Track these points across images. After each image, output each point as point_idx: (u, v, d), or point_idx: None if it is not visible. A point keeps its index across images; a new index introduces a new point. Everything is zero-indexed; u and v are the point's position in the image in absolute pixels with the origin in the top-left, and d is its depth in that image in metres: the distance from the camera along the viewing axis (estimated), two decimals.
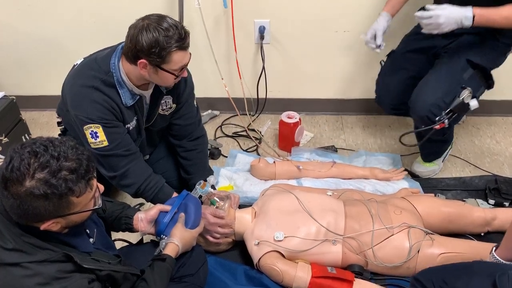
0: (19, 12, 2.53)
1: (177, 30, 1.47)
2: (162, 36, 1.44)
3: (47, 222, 1.04)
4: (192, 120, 1.91)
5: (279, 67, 2.62)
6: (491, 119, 2.68)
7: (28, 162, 0.97)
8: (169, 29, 1.45)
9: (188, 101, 1.86)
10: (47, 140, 1.03)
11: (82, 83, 1.57)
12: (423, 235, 1.62)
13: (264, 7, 2.41)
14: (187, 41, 1.51)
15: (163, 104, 1.79)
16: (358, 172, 2.13)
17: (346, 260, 1.62)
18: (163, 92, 1.73)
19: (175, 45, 1.47)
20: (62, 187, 0.99)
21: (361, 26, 2.42)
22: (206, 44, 2.44)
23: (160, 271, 1.33)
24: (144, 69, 1.51)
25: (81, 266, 1.10)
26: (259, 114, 2.79)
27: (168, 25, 1.46)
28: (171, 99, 1.80)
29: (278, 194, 1.81)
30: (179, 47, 1.48)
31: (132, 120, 1.71)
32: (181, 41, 1.48)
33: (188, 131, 1.92)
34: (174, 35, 1.46)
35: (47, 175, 0.98)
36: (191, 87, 1.86)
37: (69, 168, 1.01)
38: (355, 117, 2.77)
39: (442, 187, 2.11)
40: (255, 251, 1.63)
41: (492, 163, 2.33)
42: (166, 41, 1.45)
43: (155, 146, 2.02)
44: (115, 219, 1.51)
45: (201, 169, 1.94)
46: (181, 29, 1.49)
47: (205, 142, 2.00)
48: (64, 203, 1.02)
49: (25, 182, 0.97)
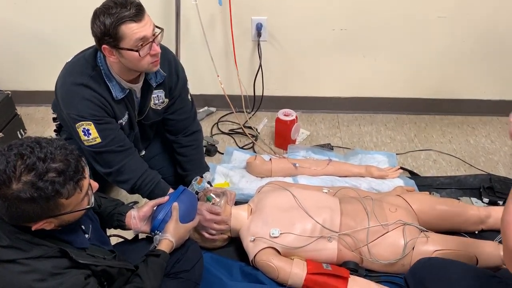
0: (16, 7, 2.52)
1: (120, 4, 1.42)
2: (106, 15, 1.41)
3: (38, 223, 1.03)
4: (186, 114, 1.90)
5: (276, 64, 2.62)
6: (486, 118, 2.70)
7: (14, 165, 0.95)
8: (112, 6, 1.42)
9: (181, 95, 1.84)
10: (34, 141, 1.01)
11: (72, 81, 1.56)
12: (418, 232, 1.63)
13: (262, 4, 2.41)
14: (134, 11, 1.43)
15: (155, 98, 1.77)
16: (353, 170, 2.14)
17: (341, 257, 1.62)
18: (152, 85, 1.71)
19: (120, 19, 1.42)
20: (48, 189, 0.97)
21: (357, 24, 2.43)
22: (202, 41, 2.44)
23: (154, 266, 1.33)
24: (111, 56, 1.49)
25: (77, 262, 1.09)
26: (256, 111, 2.79)
27: (112, 3, 1.42)
28: (163, 94, 1.78)
29: (274, 191, 1.81)
30: (126, 18, 1.42)
31: (123, 116, 1.70)
32: (126, 12, 1.42)
33: (183, 126, 1.91)
34: (118, 10, 1.41)
35: (34, 178, 0.96)
36: (184, 80, 1.84)
37: (56, 169, 0.99)
38: (351, 115, 2.78)
39: (437, 186, 2.12)
40: (251, 248, 1.63)
41: (487, 162, 2.35)
42: (111, 18, 1.41)
43: (149, 141, 2.01)
44: (107, 215, 1.50)
45: (197, 165, 1.94)
46: (127, 1, 1.43)
47: (200, 137, 1.99)
48: (52, 205, 1.01)
49: (12, 185, 0.95)
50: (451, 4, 2.33)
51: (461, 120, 2.70)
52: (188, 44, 2.52)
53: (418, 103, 2.72)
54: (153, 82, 1.71)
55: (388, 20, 2.41)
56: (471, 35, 2.43)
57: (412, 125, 2.67)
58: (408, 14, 2.38)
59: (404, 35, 2.45)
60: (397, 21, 2.40)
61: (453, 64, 2.55)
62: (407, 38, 2.47)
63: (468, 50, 2.48)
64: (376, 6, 2.36)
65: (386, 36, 2.47)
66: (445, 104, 2.71)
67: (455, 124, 2.67)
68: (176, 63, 1.78)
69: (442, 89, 2.66)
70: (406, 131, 2.62)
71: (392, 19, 2.40)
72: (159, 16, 2.46)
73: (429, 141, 2.52)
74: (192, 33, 2.50)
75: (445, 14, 2.36)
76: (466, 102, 2.69)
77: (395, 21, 2.41)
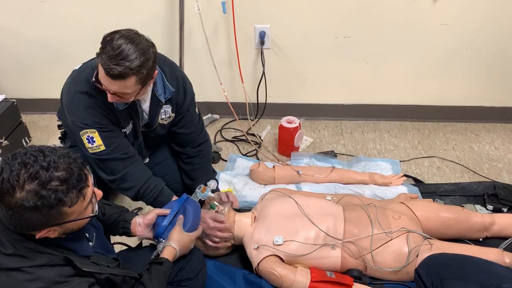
0: (21, 16, 2.54)
1: (115, 51, 1.39)
2: (105, 43, 1.41)
3: (42, 231, 1.03)
4: (194, 128, 1.91)
5: (279, 72, 2.63)
6: (490, 125, 2.69)
7: (17, 174, 0.96)
8: (113, 45, 1.39)
9: (190, 110, 1.86)
10: (38, 150, 1.01)
11: (77, 89, 1.58)
12: (422, 240, 1.63)
13: (265, 13, 2.42)
14: (114, 71, 1.39)
15: (162, 113, 1.79)
16: (357, 177, 2.14)
17: (345, 264, 1.62)
18: (161, 101, 1.73)
19: (103, 60, 1.40)
20: (51, 198, 0.97)
21: (360, 31, 2.44)
22: (205, 49, 2.45)
23: (158, 274, 1.33)
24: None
25: (80, 270, 1.09)
26: (259, 118, 2.80)
27: (117, 45, 1.39)
28: (170, 109, 1.80)
29: (278, 198, 1.81)
30: (104, 66, 1.41)
31: (128, 124, 1.72)
32: (108, 62, 1.39)
33: (192, 138, 1.92)
34: (110, 52, 1.39)
35: (37, 186, 0.96)
36: (192, 96, 1.85)
37: (59, 178, 0.99)
38: (354, 122, 2.78)
39: (440, 193, 2.12)
40: (255, 255, 1.63)
41: (490, 169, 2.34)
42: (103, 46, 1.41)
43: (155, 149, 2.02)
44: (112, 222, 1.51)
45: (204, 173, 1.94)
46: (119, 59, 1.39)
47: (207, 146, 2.00)
48: (55, 214, 1.01)
49: (15, 193, 0.96)
50: (453, 12, 2.33)
51: (464, 127, 2.69)
52: (191, 51, 2.54)
53: (421, 110, 2.72)
54: (162, 98, 1.72)
55: (391, 27, 2.41)
56: (474, 42, 2.43)
57: (416, 132, 2.67)
58: (410, 21, 2.39)
59: (407, 42, 2.46)
60: (400, 28, 2.41)
61: (456, 71, 2.55)
62: (410, 45, 2.47)
63: (471, 57, 2.49)
64: (379, 13, 2.37)
65: (389, 43, 2.47)
66: (449, 111, 2.71)
67: (459, 131, 2.66)
68: (184, 79, 1.80)
69: (445, 95, 2.66)
70: (410, 138, 2.62)
71: (395, 26, 2.41)
72: (163, 25, 2.48)
73: (432, 148, 2.52)
74: (196, 41, 2.51)
75: (447, 21, 2.37)
76: (470, 109, 2.69)
77: (398, 28, 2.41)
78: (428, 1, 2.31)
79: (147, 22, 2.46)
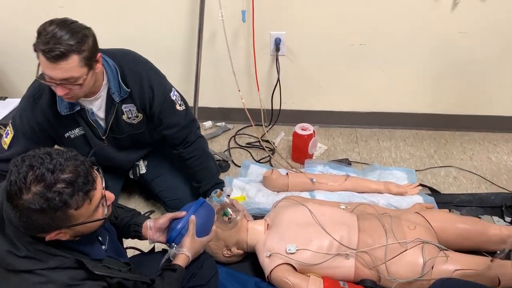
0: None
1: (48, 35, 1.39)
2: (38, 34, 1.40)
3: (51, 233, 1.04)
4: (178, 127, 1.88)
5: (294, 78, 2.62)
6: (508, 135, 2.65)
7: (24, 176, 0.97)
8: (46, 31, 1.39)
9: (164, 112, 1.81)
10: (45, 152, 1.02)
11: (27, 94, 1.70)
12: (437, 251, 1.60)
13: (280, 19, 2.42)
14: (55, 50, 1.38)
15: (128, 112, 1.77)
16: (372, 186, 2.11)
17: (358, 274, 1.60)
18: (115, 99, 1.71)
19: (40, 48, 1.39)
20: (56, 200, 0.98)
21: (376, 39, 2.42)
22: (226, 56, 2.45)
23: (170, 281, 1.32)
24: None
25: (92, 273, 1.09)
26: (273, 125, 2.79)
27: (50, 29, 1.39)
28: (135, 108, 1.77)
29: (291, 206, 1.80)
30: (43, 51, 1.39)
31: (73, 130, 1.74)
32: (44, 46, 1.38)
33: (180, 138, 1.90)
34: (44, 38, 1.39)
35: (43, 189, 0.97)
36: (162, 98, 1.79)
37: (65, 180, 0.99)
38: (369, 130, 2.75)
39: (457, 203, 2.08)
40: (267, 263, 1.62)
41: (509, 180, 2.29)
42: (37, 36, 1.40)
43: (144, 149, 2.02)
44: (124, 225, 1.51)
45: (205, 175, 1.94)
46: (54, 38, 1.38)
47: (201, 145, 1.97)
48: (61, 216, 1.01)
49: (23, 195, 0.97)
50: (471, 20, 2.30)
51: (482, 136, 2.65)
52: (210, 58, 2.55)
53: (438, 118, 2.68)
54: (116, 97, 1.71)
55: (407, 35, 2.39)
56: (492, 51, 2.40)
57: (432, 141, 2.64)
58: (428, 29, 2.36)
59: (424, 49, 2.43)
60: (416, 36, 2.39)
61: (474, 80, 2.52)
62: (427, 53, 2.45)
63: (489, 65, 2.45)
64: (395, 21, 2.35)
65: (405, 51, 2.45)
66: (466, 120, 2.67)
67: (476, 140, 2.62)
68: (150, 78, 1.75)
69: (462, 104, 2.63)
70: (426, 147, 2.59)
71: (411, 34, 2.39)
72: (184, 31, 2.51)
73: (449, 158, 2.48)
74: (217, 47, 2.52)
75: (465, 30, 2.34)
76: (488, 118, 2.65)
77: (415, 36, 2.39)
78: (446, 9, 2.28)
79: (167, 29, 2.50)
